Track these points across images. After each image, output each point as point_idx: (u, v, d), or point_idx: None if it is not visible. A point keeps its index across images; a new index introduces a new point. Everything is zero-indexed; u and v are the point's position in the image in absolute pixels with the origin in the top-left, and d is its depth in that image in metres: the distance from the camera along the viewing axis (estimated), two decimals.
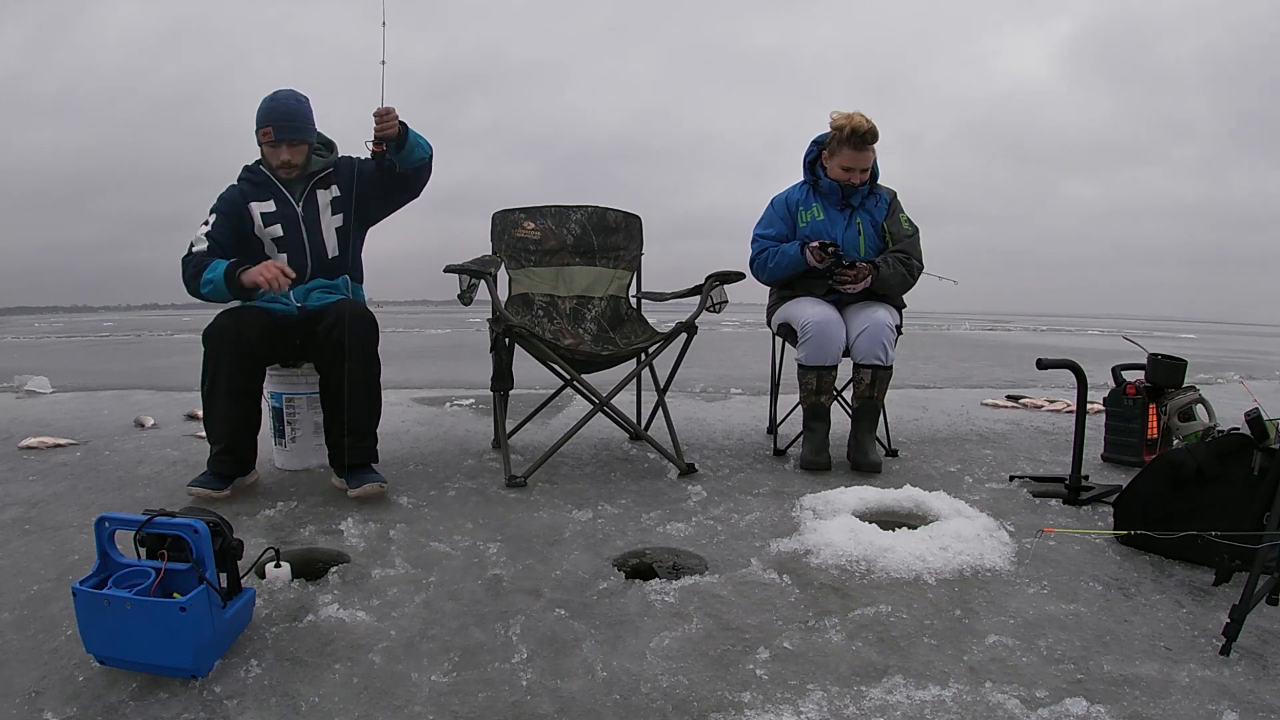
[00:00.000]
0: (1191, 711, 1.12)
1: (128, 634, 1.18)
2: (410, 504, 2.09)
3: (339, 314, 2.13)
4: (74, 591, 1.20)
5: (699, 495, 2.19)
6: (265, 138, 2.22)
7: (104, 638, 1.20)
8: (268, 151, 2.24)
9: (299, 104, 2.23)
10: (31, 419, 3.43)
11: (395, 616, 1.41)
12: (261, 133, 2.22)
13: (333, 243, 2.30)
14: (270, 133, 2.20)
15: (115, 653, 1.21)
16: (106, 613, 1.18)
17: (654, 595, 1.49)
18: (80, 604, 1.20)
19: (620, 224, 2.90)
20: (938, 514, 1.88)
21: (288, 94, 2.22)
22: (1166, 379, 2.64)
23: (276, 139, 2.20)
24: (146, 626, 1.17)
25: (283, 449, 2.45)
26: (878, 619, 1.40)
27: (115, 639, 1.19)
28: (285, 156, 2.22)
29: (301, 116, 2.24)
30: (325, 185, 2.31)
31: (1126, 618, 1.42)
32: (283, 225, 2.25)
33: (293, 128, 2.21)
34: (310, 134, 2.27)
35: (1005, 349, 9.74)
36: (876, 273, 2.51)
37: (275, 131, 2.19)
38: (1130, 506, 1.80)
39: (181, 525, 1.24)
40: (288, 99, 2.22)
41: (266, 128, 2.20)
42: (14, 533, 1.86)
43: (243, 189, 2.27)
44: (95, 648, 1.22)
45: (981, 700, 1.14)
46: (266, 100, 2.22)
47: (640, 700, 1.15)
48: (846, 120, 2.51)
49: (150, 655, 1.18)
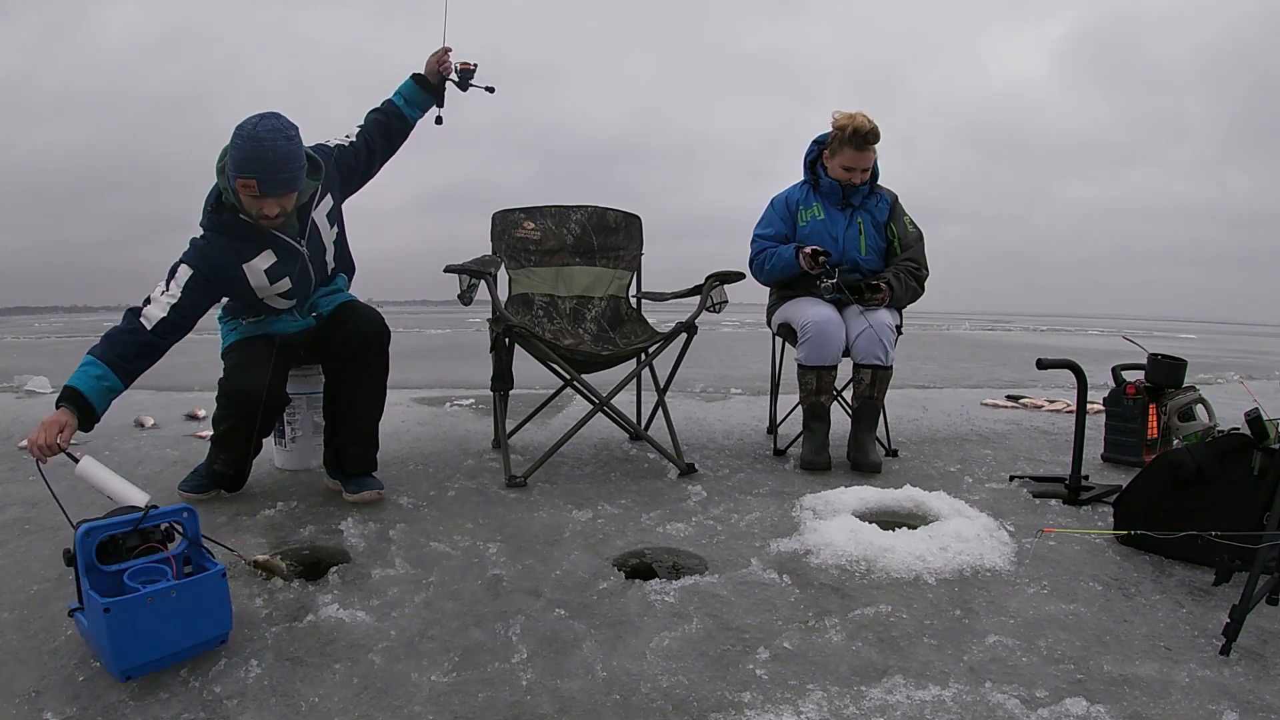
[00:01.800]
0: (1191, 711, 1.12)
1: (172, 623, 1.21)
2: (410, 504, 2.09)
3: (354, 324, 2.06)
4: (106, 608, 1.15)
5: (699, 495, 2.19)
6: (246, 190, 1.78)
7: (147, 642, 1.19)
8: (248, 202, 1.82)
9: (289, 144, 1.77)
10: (31, 419, 3.43)
11: (395, 616, 1.41)
12: (241, 182, 1.77)
13: (332, 255, 2.10)
14: (254, 186, 1.76)
15: (159, 650, 1.21)
16: (147, 612, 1.19)
17: (654, 595, 1.49)
18: (115, 620, 1.15)
19: (620, 224, 2.90)
20: (938, 514, 1.88)
21: (273, 131, 1.75)
22: (1166, 379, 2.64)
23: (263, 194, 1.78)
24: (192, 607, 1.23)
25: (283, 449, 2.45)
26: (878, 619, 1.40)
27: (158, 636, 1.20)
28: (273, 211, 1.83)
29: (293, 163, 1.79)
30: (318, 203, 2.01)
31: (1126, 618, 1.42)
32: (291, 276, 1.98)
33: (283, 180, 1.79)
34: (303, 176, 1.87)
35: (1005, 349, 9.73)
36: (891, 294, 2.51)
37: (261, 185, 1.76)
38: (1130, 506, 1.80)
39: (172, 512, 1.31)
40: (274, 140, 1.74)
41: (248, 179, 1.76)
42: (14, 533, 1.86)
43: (232, 246, 1.90)
44: (133, 658, 1.18)
45: (981, 700, 1.14)
46: (246, 140, 1.74)
47: (640, 700, 1.15)
48: (849, 120, 2.51)
49: (195, 635, 1.24)
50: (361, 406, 2.11)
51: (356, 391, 2.10)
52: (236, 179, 1.79)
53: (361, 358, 2.08)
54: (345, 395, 2.12)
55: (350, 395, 2.11)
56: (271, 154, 1.75)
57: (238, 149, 1.76)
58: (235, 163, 1.77)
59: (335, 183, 2.08)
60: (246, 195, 1.80)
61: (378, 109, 2.22)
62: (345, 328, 2.07)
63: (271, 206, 1.82)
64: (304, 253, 2.00)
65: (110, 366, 1.74)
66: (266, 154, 1.74)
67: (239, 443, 2.04)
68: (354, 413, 2.12)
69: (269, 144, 1.74)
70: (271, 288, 1.98)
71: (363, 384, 2.10)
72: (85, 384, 1.71)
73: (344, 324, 2.08)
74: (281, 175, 1.78)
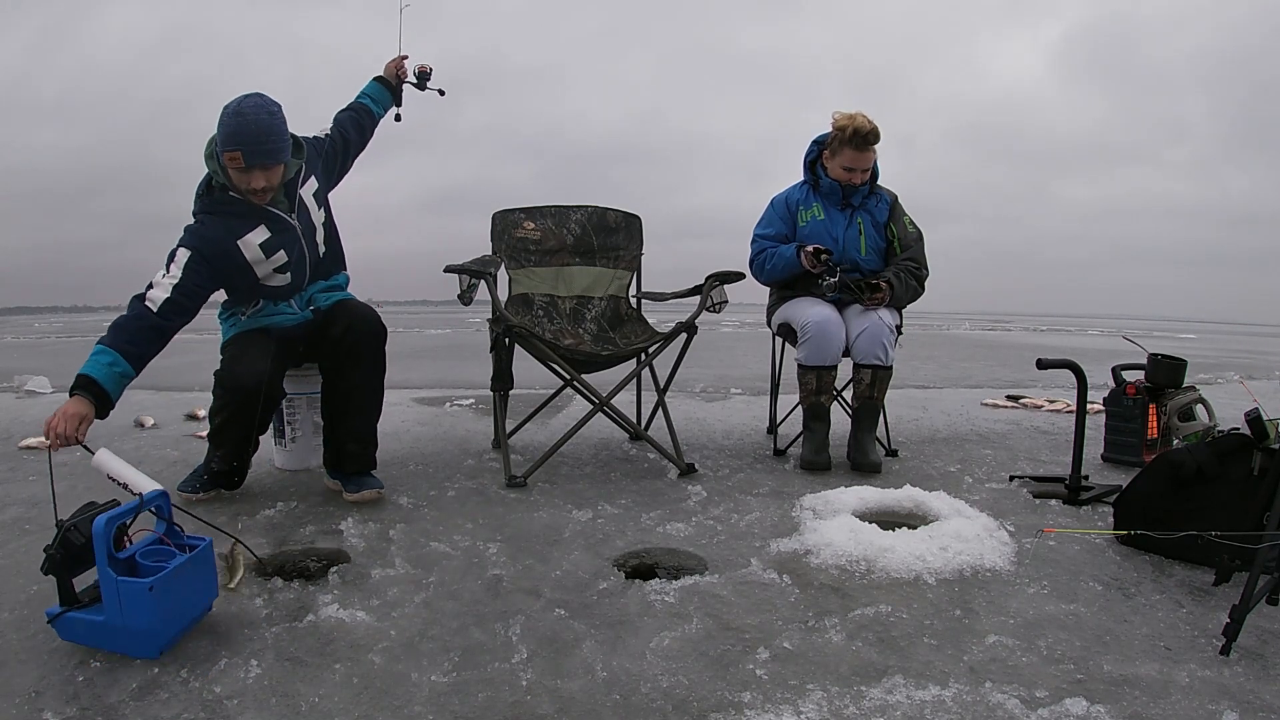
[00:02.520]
0: (1191, 711, 1.12)
1: (185, 596, 1.32)
2: (410, 504, 2.09)
3: (350, 321, 2.07)
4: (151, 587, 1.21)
5: (699, 495, 2.19)
6: (233, 162, 1.86)
7: (176, 614, 1.29)
8: (236, 176, 1.90)
9: (271, 118, 1.86)
10: (31, 419, 3.43)
11: (395, 616, 1.41)
12: (228, 156, 1.86)
13: (322, 237, 2.13)
14: (239, 158, 1.84)
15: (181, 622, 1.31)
16: (176, 586, 1.28)
17: (654, 595, 1.49)
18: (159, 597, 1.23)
19: (620, 224, 2.90)
20: (938, 514, 1.88)
21: (256, 106, 1.85)
22: (1166, 379, 2.64)
23: (248, 165, 1.86)
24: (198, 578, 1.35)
25: (283, 449, 2.45)
26: (878, 619, 1.40)
27: (180, 608, 1.30)
28: (260, 184, 1.90)
29: (276, 135, 1.88)
30: (304, 182, 2.08)
31: (1126, 618, 1.42)
32: (286, 249, 2.03)
33: (267, 150, 1.87)
34: (288, 150, 1.94)
35: (1005, 349, 9.73)
36: (891, 293, 2.51)
37: (246, 157, 1.84)
38: (1130, 506, 1.80)
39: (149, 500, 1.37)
40: (257, 115, 1.84)
41: (234, 151, 1.84)
42: (14, 533, 1.86)
43: (225, 224, 1.95)
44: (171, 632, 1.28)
45: (981, 700, 1.14)
46: (231, 116, 1.84)
47: (640, 700, 1.15)
48: (849, 121, 2.51)
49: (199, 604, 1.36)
50: (358, 405, 2.12)
51: (354, 390, 2.11)
52: (224, 154, 1.87)
53: (357, 355, 2.09)
54: (342, 393, 2.13)
55: (347, 393, 2.12)
56: (255, 126, 1.84)
57: (223, 125, 1.85)
58: (222, 138, 1.85)
59: (318, 167, 2.15)
60: (234, 169, 1.88)
61: (347, 108, 2.35)
62: (340, 324, 2.08)
63: (259, 179, 1.89)
64: (296, 225, 2.04)
65: (121, 353, 1.76)
66: (250, 127, 1.83)
67: (236, 436, 2.05)
68: (351, 411, 2.12)
69: (252, 118, 1.84)
70: (268, 261, 2.01)
71: (359, 382, 2.10)
72: (98, 371, 1.72)
73: (339, 320, 2.09)
74: (266, 146, 1.86)
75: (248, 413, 1.98)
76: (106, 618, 1.23)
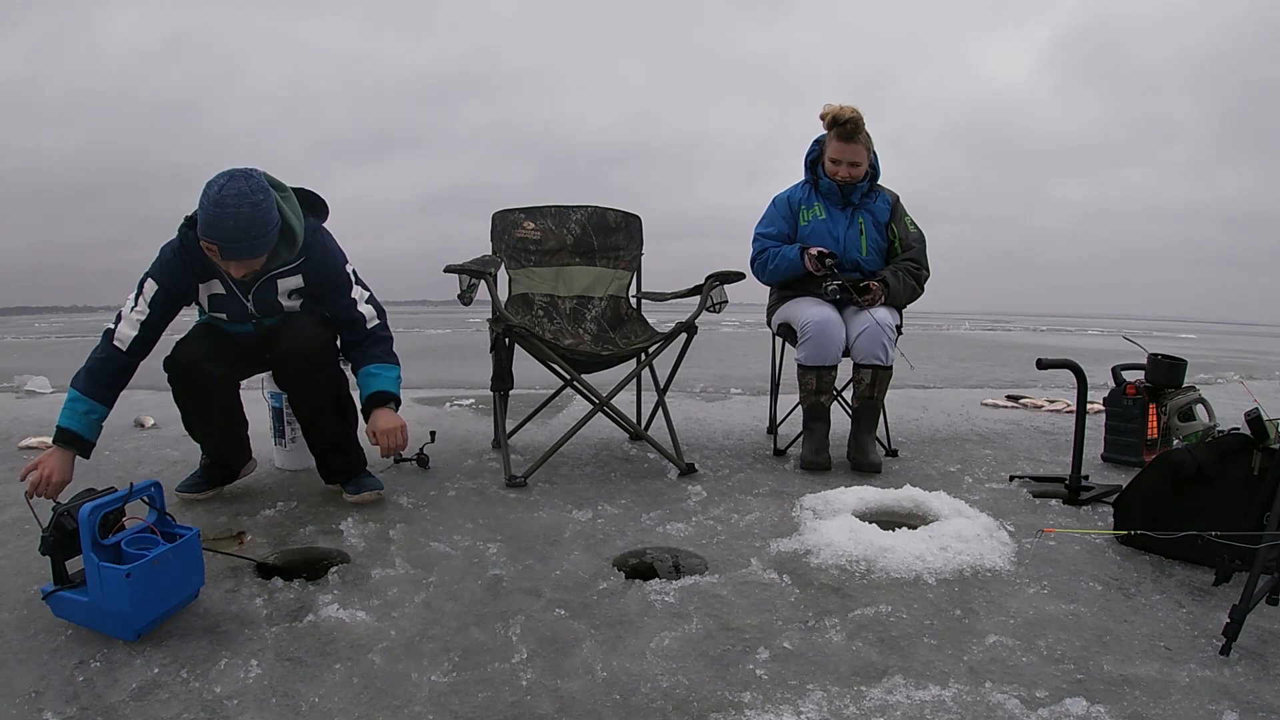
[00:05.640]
0: (1191, 711, 1.12)
1: (170, 582, 1.35)
2: (410, 504, 2.09)
3: (288, 346, 1.98)
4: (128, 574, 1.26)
5: (699, 495, 2.19)
6: (210, 251, 1.79)
7: (155, 600, 1.32)
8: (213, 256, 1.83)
9: (254, 210, 1.73)
10: (31, 419, 3.43)
11: (395, 616, 1.41)
12: (204, 243, 1.79)
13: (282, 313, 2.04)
14: (216, 251, 1.78)
15: (162, 606, 1.35)
16: (156, 573, 1.32)
17: (654, 595, 1.49)
18: (136, 582, 1.27)
19: (620, 224, 2.90)
20: (938, 514, 1.88)
21: (238, 196, 1.71)
22: (1166, 379, 2.64)
23: (225, 258, 1.79)
24: (181, 565, 1.38)
25: (283, 449, 2.45)
26: (878, 619, 1.40)
27: (162, 594, 1.34)
28: (239, 273, 1.85)
29: (256, 230, 1.75)
30: (288, 275, 1.96)
31: (1126, 618, 1.42)
32: (228, 314, 1.99)
33: (244, 248, 1.77)
34: (270, 240, 1.82)
35: (1005, 349, 9.73)
36: (887, 289, 2.51)
37: (222, 252, 1.77)
38: (1130, 506, 1.80)
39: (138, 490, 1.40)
40: (238, 207, 1.71)
41: (210, 243, 1.77)
42: (14, 533, 1.86)
43: (191, 268, 1.90)
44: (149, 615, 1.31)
45: (981, 700, 1.14)
46: (211, 204, 1.72)
47: (640, 700, 1.15)
48: (830, 109, 2.51)
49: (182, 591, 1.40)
50: (314, 421, 2.10)
51: (307, 409, 2.10)
52: (200, 239, 1.80)
53: (302, 378, 2.03)
54: (300, 413, 2.14)
55: (303, 414, 2.12)
56: (233, 221, 1.72)
57: (203, 209, 1.75)
58: (200, 223, 1.77)
59: (315, 275, 1.99)
60: (211, 255, 1.82)
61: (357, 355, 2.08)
62: (280, 348, 2.00)
63: (237, 269, 1.84)
64: (248, 306, 1.97)
65: (94, 399, 1.85)
66: (228, 221, 1.72)
67: (202, 423, 2.06)
68: (313, 427, 2.12)
69: (231, 210, 1.72)
70: (212, 314, 2.03)
71: (311, 401, 2.06)
72: (76, 423, 1.83)
73: (279, 344, 2.00)
74: (243, 244, 1.76)
75: (192, 394, 1.98)
76: (90, 599, 1.30)
